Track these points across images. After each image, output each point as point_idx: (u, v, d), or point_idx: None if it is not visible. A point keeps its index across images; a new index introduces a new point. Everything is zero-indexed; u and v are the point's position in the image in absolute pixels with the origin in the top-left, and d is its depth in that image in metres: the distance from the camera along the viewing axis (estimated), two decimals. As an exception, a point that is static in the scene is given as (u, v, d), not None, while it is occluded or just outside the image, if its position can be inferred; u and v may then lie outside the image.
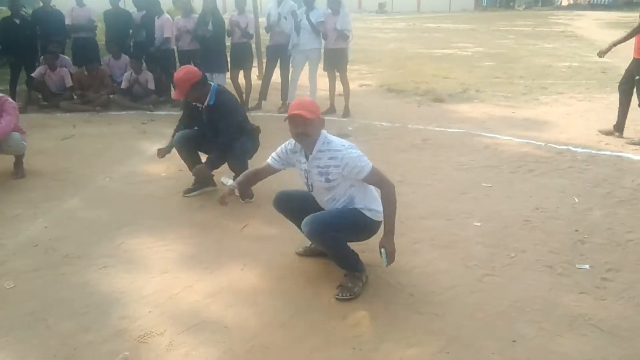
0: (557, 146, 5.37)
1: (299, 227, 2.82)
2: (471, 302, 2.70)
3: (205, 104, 3.82)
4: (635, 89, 5.48)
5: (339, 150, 2.67)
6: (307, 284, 2.89)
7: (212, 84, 3.87)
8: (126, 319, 2.58)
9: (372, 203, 2.82)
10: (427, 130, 6.17)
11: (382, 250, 2.68)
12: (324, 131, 2.74)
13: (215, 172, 4.11)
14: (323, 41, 6.66)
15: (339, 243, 2.75)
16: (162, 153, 4.14)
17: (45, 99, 7.46)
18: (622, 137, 5.55)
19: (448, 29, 22.85)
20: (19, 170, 4.63)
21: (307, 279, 2.94)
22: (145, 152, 5.38)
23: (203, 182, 4.19)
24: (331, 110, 6.97)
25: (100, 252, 3.27)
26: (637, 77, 5.41)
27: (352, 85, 9.12)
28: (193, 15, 7.11)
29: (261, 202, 3.87)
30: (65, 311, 2.64)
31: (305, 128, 2.65)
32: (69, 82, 7.38)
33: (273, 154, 2.96)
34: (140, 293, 2.81)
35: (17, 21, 7.31)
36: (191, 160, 4.09)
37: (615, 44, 5.56)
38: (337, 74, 6.81)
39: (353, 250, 2.83)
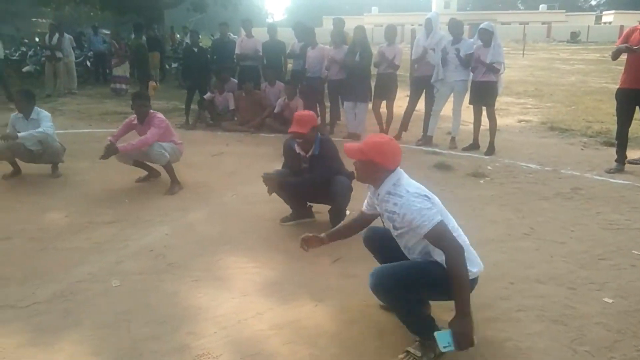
0: None
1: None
2: (565, 399, 2.20)
3: (310, 153, 3.92)
4: None
5: (401, 196, 2.36)
6: (375, 336, 2.66)
7: (317, 134, 3.93)
8: (192, 335, 2.67)
9: None
10: (583, 177, 5.35)
11: (442, 332, 2.22)
12: (399, 171, 2.49)
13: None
14: (471, 74, 6.29)
15: (409, 304, 2.37)
16: (271, 191, 4.10)
17: (212, 118, 8.39)
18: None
19: (652, 61, 19.73)
20: (173, 186, 4.99)
21: (379, 329, 2.71)
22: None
23: (300, 214, 4.23)
24: (474, 146, 6.52)
25: (199, 265, 3.47)
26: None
27: (510, 120, 8.51)
28: (344, 46, 7.32)
29: (359, 236, 3.71)
30: (148, 317, 2.84)
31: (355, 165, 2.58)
32: (232, 105, 8.20)
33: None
34: (215, 312, 2.89)
35: (195, 49, 8.44)
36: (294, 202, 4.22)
37: None
38: (484, 108, 6.34)
39: (429, 315, 2.50)
